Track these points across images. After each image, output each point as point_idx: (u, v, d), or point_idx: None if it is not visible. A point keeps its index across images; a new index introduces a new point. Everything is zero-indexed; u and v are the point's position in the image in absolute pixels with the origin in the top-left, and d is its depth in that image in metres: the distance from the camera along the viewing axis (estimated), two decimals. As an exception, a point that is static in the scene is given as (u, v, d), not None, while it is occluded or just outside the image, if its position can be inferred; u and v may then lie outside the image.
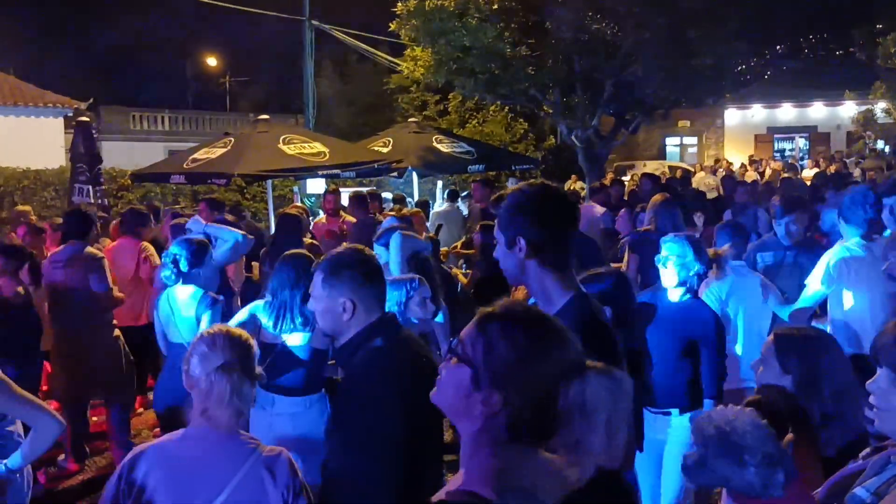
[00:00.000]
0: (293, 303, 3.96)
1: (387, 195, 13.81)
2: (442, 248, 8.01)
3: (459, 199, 12.02)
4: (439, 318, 4.57)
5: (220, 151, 10.64)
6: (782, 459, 2.16)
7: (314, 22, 18.25)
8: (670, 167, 25.41)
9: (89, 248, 5.92)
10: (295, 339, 4.00)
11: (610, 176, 16.86)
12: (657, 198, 6.44)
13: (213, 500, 2.28)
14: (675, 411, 4.09)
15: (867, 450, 2.11)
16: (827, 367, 2.63)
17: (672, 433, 4.06)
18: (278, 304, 4.01)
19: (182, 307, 4.48)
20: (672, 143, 34.42)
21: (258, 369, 2.45)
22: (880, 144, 25.96)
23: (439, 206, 12.25)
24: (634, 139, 26.86)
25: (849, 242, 4.54)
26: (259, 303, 4.19)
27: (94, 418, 6.56)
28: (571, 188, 16.67)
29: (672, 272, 4.07)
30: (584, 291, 2.42)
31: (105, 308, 5.93)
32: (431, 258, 5.28)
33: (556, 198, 2.47)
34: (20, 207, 10.69)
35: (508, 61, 13.45)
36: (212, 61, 37.97)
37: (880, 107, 25.31)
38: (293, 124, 18.27)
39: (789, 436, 2.27)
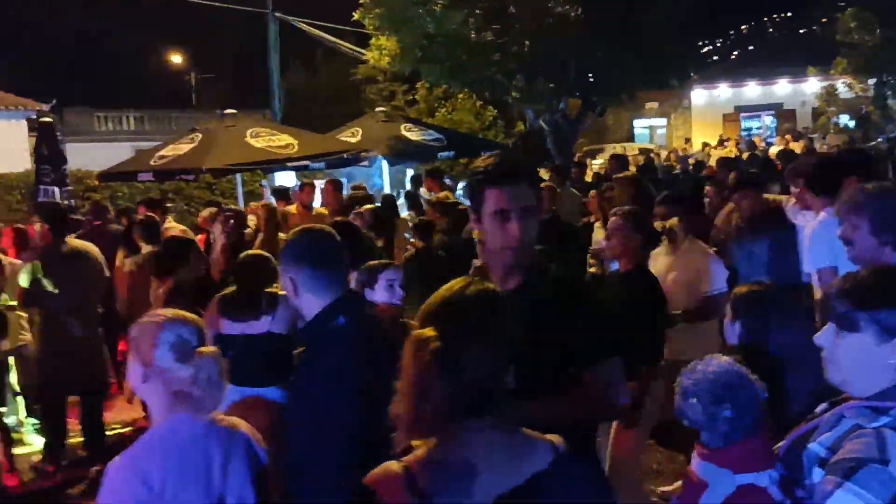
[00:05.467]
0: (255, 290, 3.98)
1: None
2: None
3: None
4: None
5: (187, 147, 10.57)
6: (752, 409, 2.30)
7: (278, 14, 18.11)
8: (641, 149, 25.60)
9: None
10: (257, 327, 4.00)
11: (577, 159, 16.98)
12: (623, 176, 6.66)
13: (224, 475, 2.32)
14: None
15: (823, 405, 2.17)
16: (776, 322, 2.74)
17: None
18: (241, 293, 4.05)
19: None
20: (641, 125, 34.63)
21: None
22: (843, 119, 26.31)
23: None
24: (603, 122, 27.04)
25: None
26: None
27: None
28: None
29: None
30: None
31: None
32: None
33: None
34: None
35: (473, 48, 13.46)
36: (176, 58, 37.53)
37: (842, 82, 25.65)
38: (261, 118, 18.13)
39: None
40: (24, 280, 5.85)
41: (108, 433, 6.28)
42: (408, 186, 13.91)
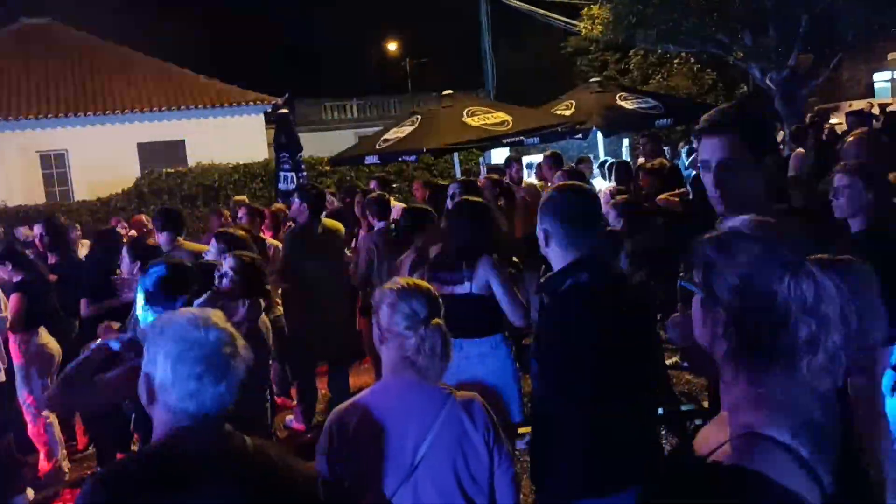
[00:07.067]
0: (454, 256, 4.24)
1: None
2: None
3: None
4: None
5: (409, 129, 11.03)
6: None
7: (489, -7, 18.38)
8: (880, 105, 23.23)
9: None
10: (461, 288, 4.21)
11: (809, 119, 15.75)
12: (855, 133, 6.10)
13: (421, 444, 2.40)
14: None
15: None
16: None
17: None
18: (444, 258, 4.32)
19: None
20: (881, 78, 31.32)
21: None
22: None
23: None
24: (837, 78, 24.84)
25: None
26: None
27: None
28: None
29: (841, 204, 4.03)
30: None
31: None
32: None
33: None
34: (237, 198, 11.59)
35: (691, 7, 12.86)
36: (392, 46, 39.17)
37: None
38: (475, 98, 18.52)
39: None
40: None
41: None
42: (625, 157, 13.63)
